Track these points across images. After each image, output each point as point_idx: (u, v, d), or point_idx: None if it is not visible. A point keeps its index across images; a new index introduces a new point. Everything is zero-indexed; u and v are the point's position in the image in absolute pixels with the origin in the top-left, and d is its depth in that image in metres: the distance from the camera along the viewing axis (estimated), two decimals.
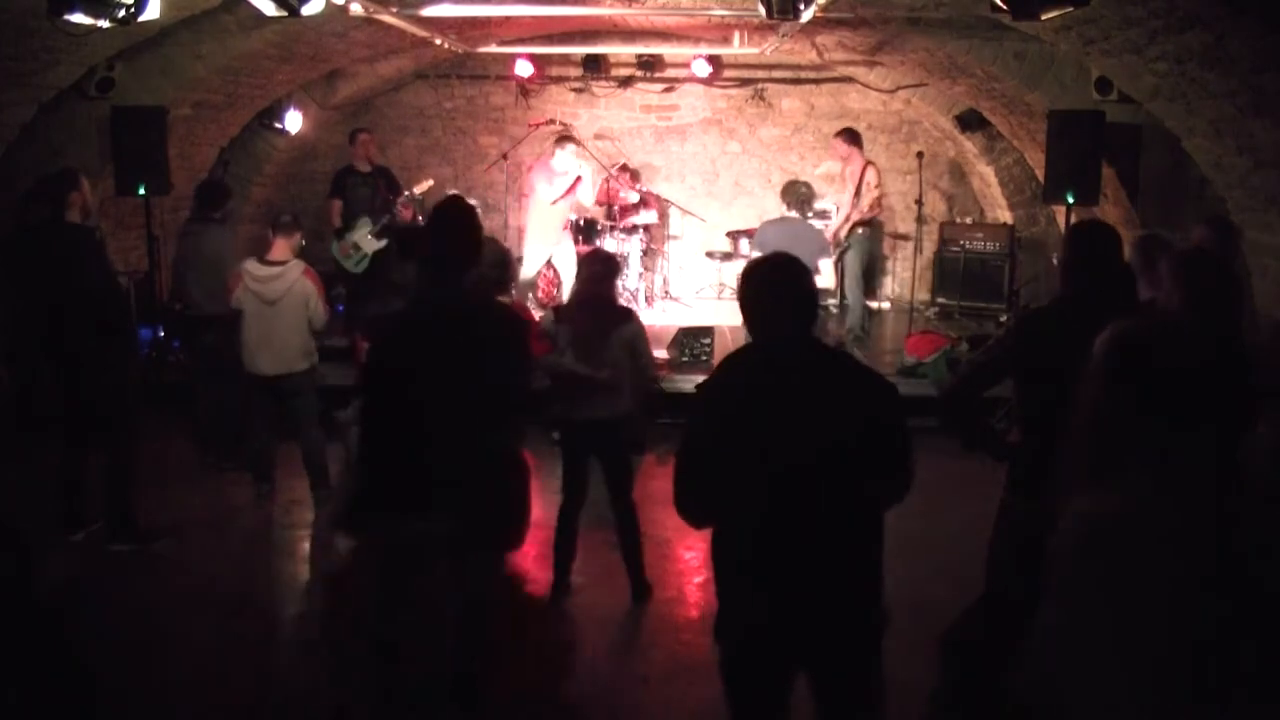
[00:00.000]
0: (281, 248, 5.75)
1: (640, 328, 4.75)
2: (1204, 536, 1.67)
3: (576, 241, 9.50)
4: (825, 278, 6.51)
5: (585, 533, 5.04)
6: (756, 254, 6.54)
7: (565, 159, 8.66)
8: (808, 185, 6.86)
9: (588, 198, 9.04)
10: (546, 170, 8.76)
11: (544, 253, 8.97)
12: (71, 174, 5.31)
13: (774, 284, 2.69)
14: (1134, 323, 1.88)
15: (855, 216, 8.90)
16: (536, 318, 5.05)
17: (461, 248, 3.30)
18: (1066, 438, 1.96)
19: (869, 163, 8.96)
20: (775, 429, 2.52)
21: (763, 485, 2.53)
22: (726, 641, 2.71)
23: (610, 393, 4.55)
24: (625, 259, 9.79)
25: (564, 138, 8.92)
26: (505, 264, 4.63)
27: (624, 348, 4.59)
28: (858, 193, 8.86)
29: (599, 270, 4.70)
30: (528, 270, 8.98)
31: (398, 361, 3.22)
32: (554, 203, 8.74)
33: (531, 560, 4.97)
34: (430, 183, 9.13)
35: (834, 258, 8.64)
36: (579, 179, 8.73)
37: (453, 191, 8.13)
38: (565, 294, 9.11)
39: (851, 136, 9.02)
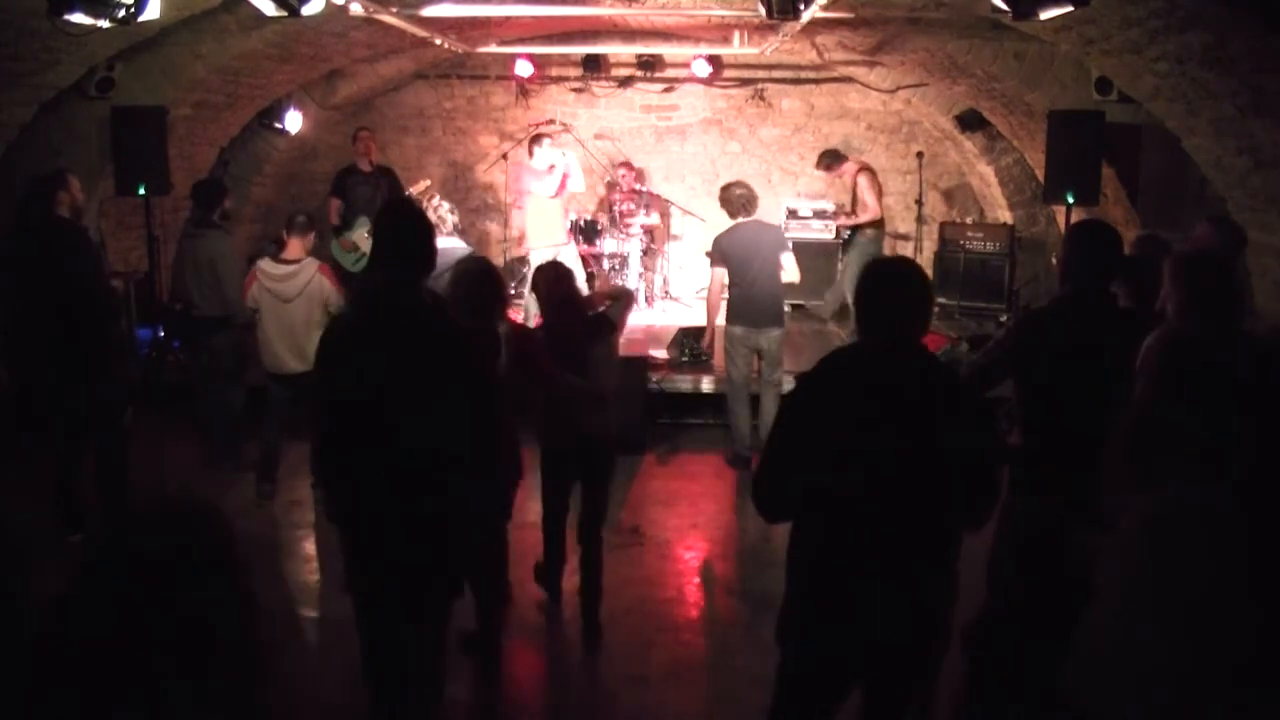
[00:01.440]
0: (296, 247, 5.84)
1: (616, 335, 4.62)
2: (1255, 535, 1.68)
3: (578, 243, 9.48)
4: (790, 273, 6.45)
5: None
6: (719, 270, 6.49)
7: (544, 155, 8.60)
8: (745, 186, 6.57)
9: (579, 183, 8.97)
10: (531, 171, 8.73)
11: (548, 255, 8.85)
12: (60, 174, 5.33)
13: (880, 289, 2.62)
14: (1179, 326, 1.89)
15: (852, 221, 9.12)
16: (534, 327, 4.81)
17: (410, 250, 3.11)
18: (1111, 439, 1.96)
19: (861, 168, 9.06)
20: (862, 435, 2.46)
21: (845, 491, 2.49)
22: (790, 644, 2.67)
23: (603, 407, 4.38)
24: (625, 259, 9.80)
25: (536, 137, 8.86)
26: (493, 280, 4.03)
27: (609, 357, 4.49)
28: (854, 198, 9.09)
29: (551, 276, 4.47)
30: None
31: (346, 365, 3.06)
32: (552, 197, 8.69)
33: (529, 561, 4.97)
34: (427, 182, 9.12)
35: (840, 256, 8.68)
36: (566, 173, 8.69)
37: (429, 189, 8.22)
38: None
39: (830, 158, 9.21)
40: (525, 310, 8.45)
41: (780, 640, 2.68)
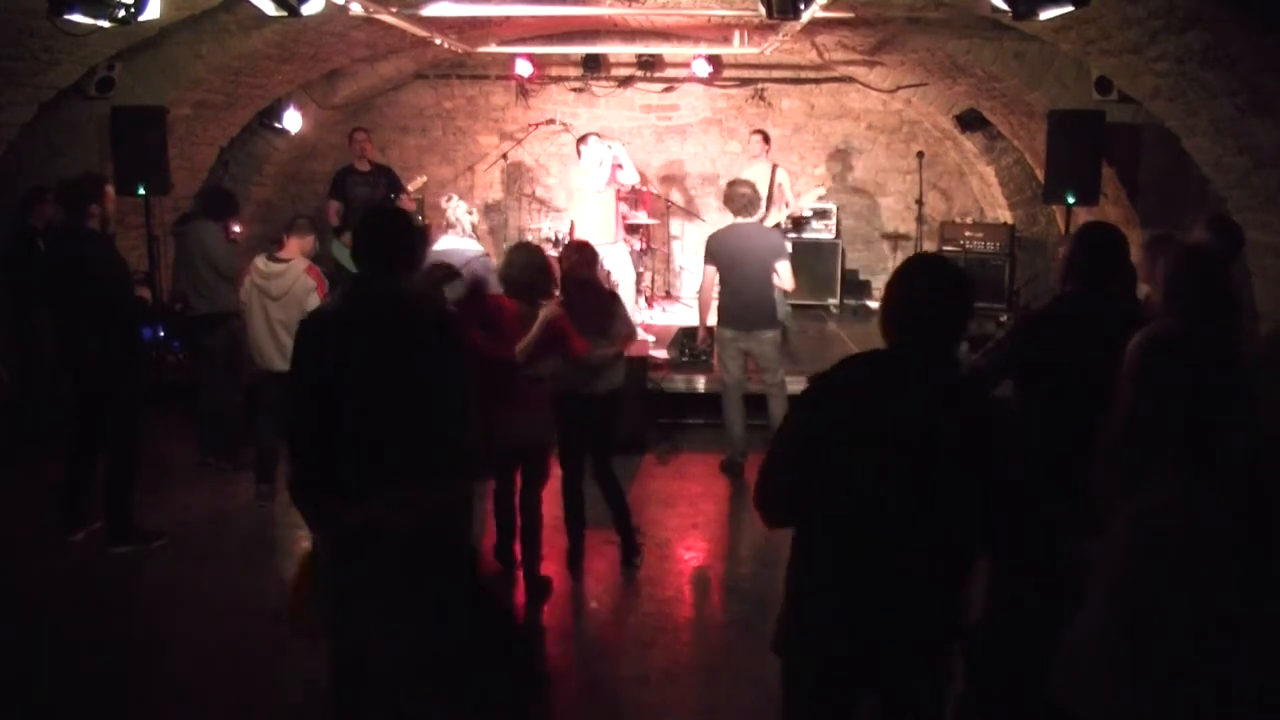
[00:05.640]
0: (292, 247, 5.82)
1: (623, 303, 5.31)
2: (1244, 533, 1.68)
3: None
4: (785, 279, 6.39)
5: (586, 533, 5.06)
6: (710, 268, 6.40)
7: (593, 152, 8.38)
8: (750, 186, 6.42)
9: (631, 176, 8.71)
10: (578, 169, 8.64)
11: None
12: (98, 183, 5.28)
13: (903, 288, 2.46)
14: (1164, 326, 1.89)
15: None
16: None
17: (395, 248, 3.23)
18: (1100, 442, 1.95)
19: (775, 165, 8.86)
20: (877, 443, 2.33)
21: (858, 498, 2.36)
22: (796, 659, 2.54)
23: (614, 367, 5.04)
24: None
25: (583, 137, 8.65)
26: (546, 269, 4.82)
27: (623, 319, 5.11)
28: (771, 194, 8.70)
29: (577, 259, 5.14)
30: None
31: (328, 356, 3.10)
32: (600, 190, 8.52)
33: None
34: (424, 179, 9.13)
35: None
36: (617, 164, 8.52)
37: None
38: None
39: (764, 136, 8.95)
40: None
41: (778, 650, 2.55)
